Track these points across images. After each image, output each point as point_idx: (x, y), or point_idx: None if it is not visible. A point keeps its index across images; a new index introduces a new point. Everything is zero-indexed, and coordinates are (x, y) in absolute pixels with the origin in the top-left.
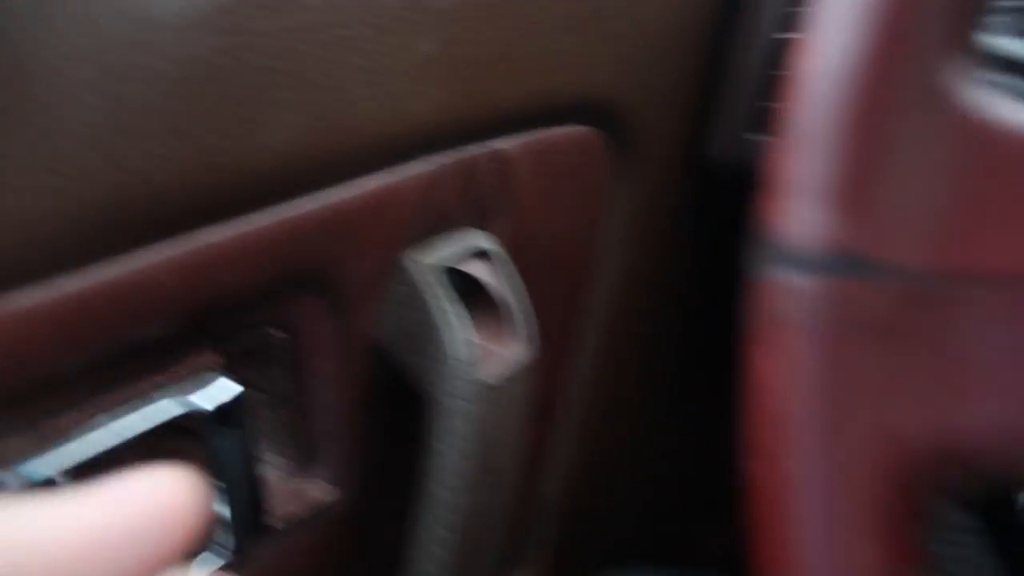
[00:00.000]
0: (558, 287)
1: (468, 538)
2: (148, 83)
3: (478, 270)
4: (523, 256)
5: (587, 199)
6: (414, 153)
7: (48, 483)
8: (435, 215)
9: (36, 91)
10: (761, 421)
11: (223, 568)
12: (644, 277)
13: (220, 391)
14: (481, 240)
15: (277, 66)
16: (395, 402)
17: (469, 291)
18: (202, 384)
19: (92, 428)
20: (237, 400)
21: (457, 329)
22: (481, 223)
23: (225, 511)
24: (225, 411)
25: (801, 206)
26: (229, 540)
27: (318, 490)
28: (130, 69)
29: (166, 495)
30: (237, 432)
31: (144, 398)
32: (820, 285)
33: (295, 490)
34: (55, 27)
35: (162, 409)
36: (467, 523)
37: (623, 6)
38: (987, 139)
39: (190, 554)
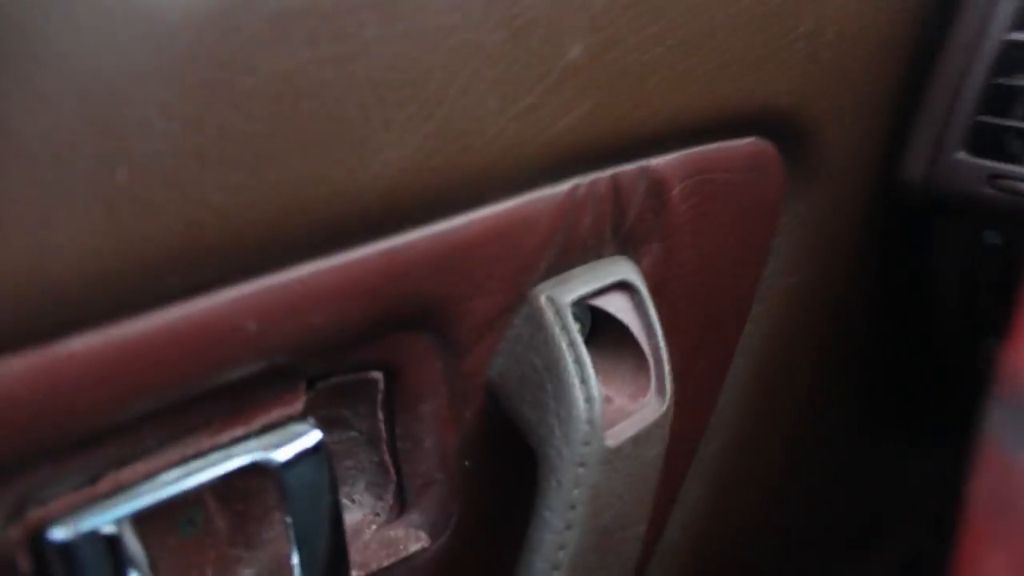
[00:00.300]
0: (711, 319)
1: None
2: (232, 103)
3: (617, 305)
4: (674, 286)
5: (755, 221)
6: (551, 175)
7: (109, 540)
8: (572, 244)
9: (95, 115)
10: None
11: None
12: (808, 309)
13: (298, 438)
14: (625, 270)
15: (389, 79)
16: (506, 452)
17: (604, 329)
18: (280, 431)
19: (157, 479)
20: (315, 449)
21: (580, 382)
22: (626, 251)
23: (297, 561)
24: (299, 460)
25: None
26: None
27: (410, 538)
28: (210, 87)
29: None
30: (314, 481)
31: (216, 447)
32: None
33: (386, 537)
34: (119, 42)
35: (231, 460)
36: None
37: (814, 1)
38: None
39: None
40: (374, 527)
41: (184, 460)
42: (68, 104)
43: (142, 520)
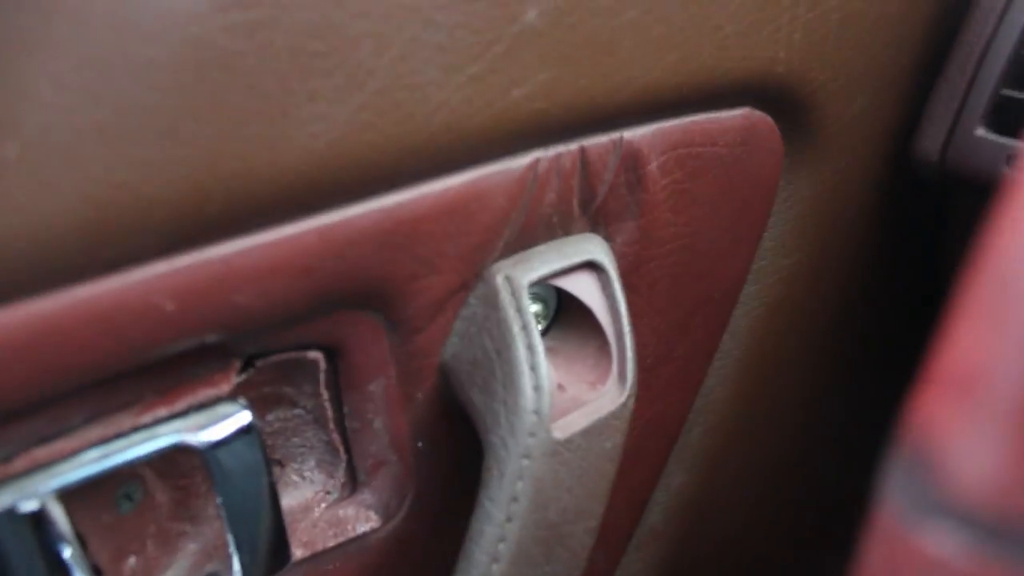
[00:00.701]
0: (694, 301)
1: None
2: (136, 75)
3: (582, 286)
4: (651, 267)
5: (747, 198)
6: (507, 148)
7: (30, 518)
8: (534, 220)
9: None
10: None
11: None
12: (805, 291)
13: (226, 419)
14: (593, 249)
15: (313, 47)
16: (462, 435)
17: (570, 311)
18: (207, 411)
19: (77, 458)
20: (244, 430)
21: (529, 369)
22: (597, 229)
23: (232, 542)
24: (228, 441)
25: (981, 427)
26: (239, 571)
27: (360, 518)
28: (106, 57)
29: None
30: (244, 462)
31: (140, 427)
32: (973, 562)
33: (335, 516)
34: (2, 8)
35: (156, 440)
36: None
37: None
38: None
39: None
40: (324, 505)
41: (108, 439)
42: None
43: (71, 497)
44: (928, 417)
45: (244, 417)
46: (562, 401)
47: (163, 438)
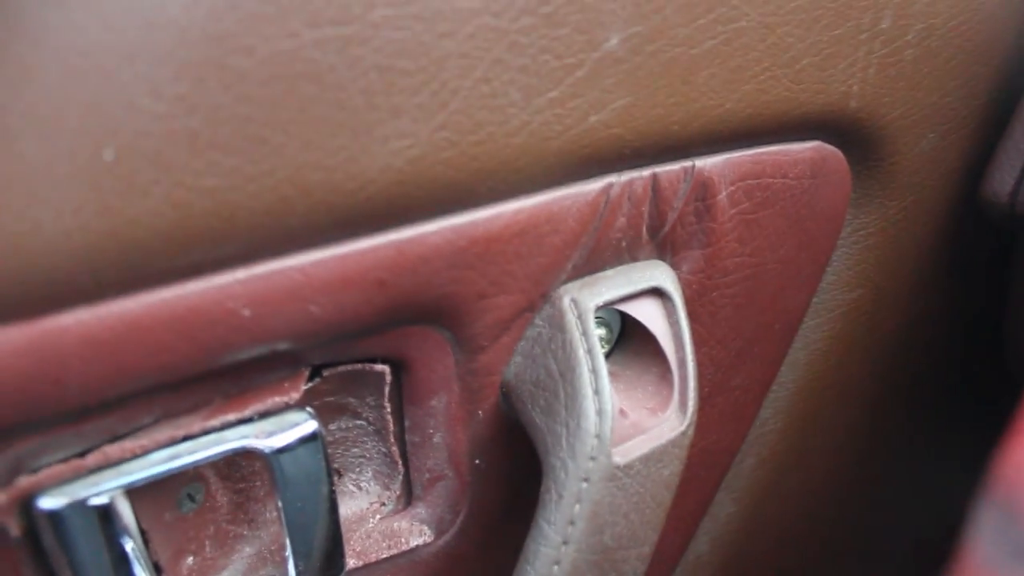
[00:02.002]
0: (755, 332)
1: None
2: (225, 85)
3: (647, 313)
4: (715, 296)
5: (813, 232)
6: (582, 172)
7: (99, 511)
8: (603, 244)
9: (81, 92)
10: None
11: None
12: (866, 326)
13: (293, 427)
14: (659, 276)
15: (400, 64)
16: (519, 454)
17: (633, 336)
18: (275, 418)
19: (147, 457)
20: (309, 438)
21: (593, 393)
22: (664, 255)
23: (289, 547)
24: (292, 448)
25: None
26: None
27: (414, 531)
28: (201, 67)
29: None
30: (307, 469)
31: (208, 431)
32: None
33: (390, 528)
34: (106, 17)
35: (224, 443)
36: None
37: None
38: None
39: None
40: (378, 517)
41: (176, 440)
42: (53, 80)
43: (137, 494)
44: (1019, 466)
45: (310, 426)
46: (623, 427)
47: (230, 442)
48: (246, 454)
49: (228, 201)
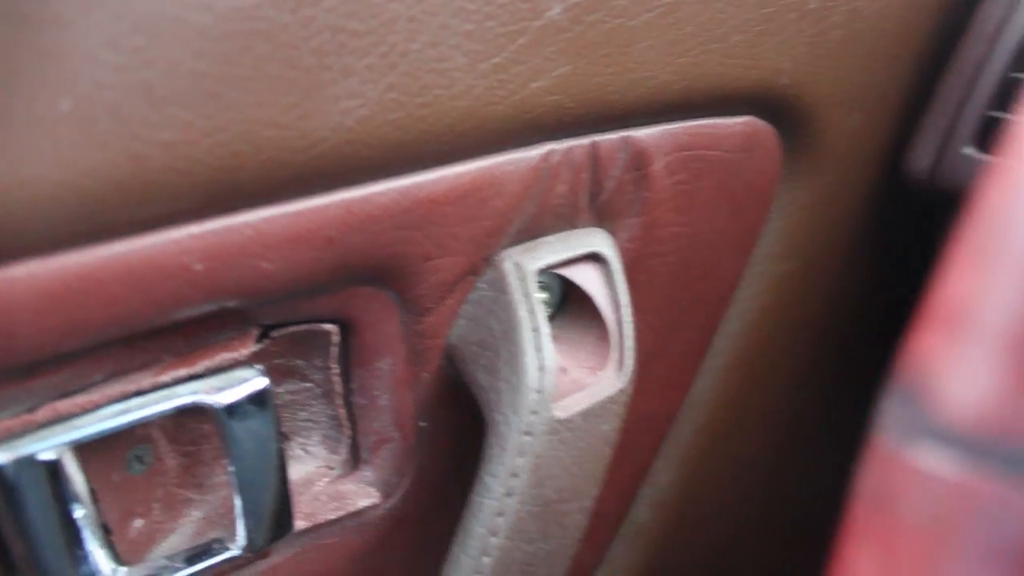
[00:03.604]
0: (690, 300)
1: None
2: (182, 39)
3: (586, 277)
4: (651, 264)
5: (745, 203)
6: (524, 138)
7: (48, 467)
8: (544, 211)
9: (39, 41)
10: None
11: (236, 563)
12: (796, 297)
13: (243, 383)
14: (598, 242)
15: (351, 26)
16: (463, 416)
17: (574, 300)
18: (225, 374)
19: (97, 412)
20: (260, 395)
21: (535, 350)
22: (603, 223)
23: (239, 506)
24: (243, 405)
25: (969, 358)
26: (243, 536)
27: (361, 494)
28: (159, 21)
29: None
30: (257, 427)
31: (159, 386)
32: (964, 476)
33: (337, 491)
34: None
35: (173, 399)
36: (506, 570)
37: None
38: None
39: (200, 549)
40: (326, 480)
41: (126, 396)
42: (11, 29)
43: (85, 452)
44: (921, 350)
45: (260, 382)
46: (564, 383)
47: (181, 398)
48: (194, 417)
49: (183, 155)
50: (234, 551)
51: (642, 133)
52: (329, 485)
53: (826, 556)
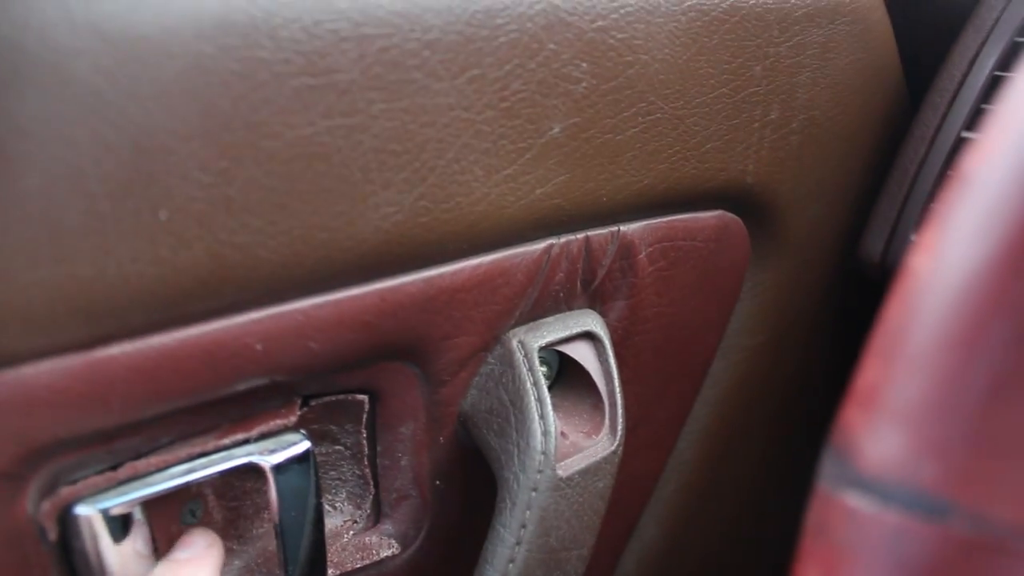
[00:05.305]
0: (672, 372)
1: None
2: (258, 162)
3: (581, 353)
4: (637, 340)
5: (718, 286)
6: (529, 235)
7: (124, 519)
8: (545, 295)
9: (146, 164)
10: None
11: None
12: (767, 368)
13: (290, 446)
14: (591, 322)
15: (390, 148)
16: (473, 476)
17: (569, 373)
18: (275, 438)
19: (167, 471)
20: (303, 456)
21: (539, 417)
22: (595, 305)
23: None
24: (289, 465)
25: (878, 427)
26: None
27: (383, 545)
28: (240, 147)
29: None
30: (300, 484)
31: (219, 448)
32: (877, 513)
33: (362, 542)
34: (169, 104)
35: (231, 460)
36: None
37: (784, 92)
38: None
39: None
40: (351, 533)
41: (191, 457)
42: (124, 154)
43: (151, 506)
44: (847, 421)
45: (304, 445)
46: (564, 446)
47: (238, 459)
48: (240, 476)
49: (253, 254)
50: None
51: (628, 228)
52: (355, 537)
53: None
